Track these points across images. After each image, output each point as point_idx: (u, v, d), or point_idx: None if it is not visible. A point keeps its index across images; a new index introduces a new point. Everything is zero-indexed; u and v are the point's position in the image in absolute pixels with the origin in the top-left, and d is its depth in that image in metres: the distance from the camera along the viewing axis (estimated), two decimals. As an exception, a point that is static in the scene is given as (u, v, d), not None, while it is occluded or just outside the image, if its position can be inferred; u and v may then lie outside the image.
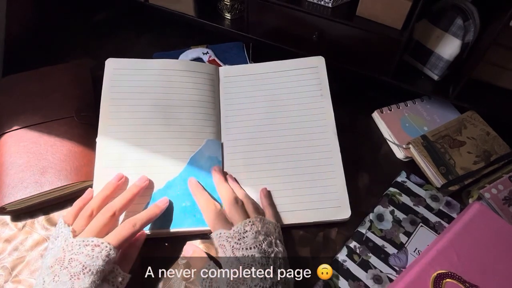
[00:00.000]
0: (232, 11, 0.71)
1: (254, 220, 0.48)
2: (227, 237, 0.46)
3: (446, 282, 0.46)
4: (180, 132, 0.57)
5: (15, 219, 0.56)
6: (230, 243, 0.46)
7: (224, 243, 0.46)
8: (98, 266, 0.42)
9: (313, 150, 0.57)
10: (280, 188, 0.55)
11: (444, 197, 0.57)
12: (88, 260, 0.42)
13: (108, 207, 0.48)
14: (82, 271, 0.41)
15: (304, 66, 0.62)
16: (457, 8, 0.57)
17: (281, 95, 0.61)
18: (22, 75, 0.64)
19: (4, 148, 0.56)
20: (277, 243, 0.47)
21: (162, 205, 0.51)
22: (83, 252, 0.43)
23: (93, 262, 0.42)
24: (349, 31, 0.61)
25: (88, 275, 0.41)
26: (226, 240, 0.46)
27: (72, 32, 0.81)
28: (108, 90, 0.58)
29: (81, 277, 0.41)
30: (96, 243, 0.44)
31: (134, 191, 0.51)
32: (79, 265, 0.42)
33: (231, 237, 0.46)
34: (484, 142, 0.61)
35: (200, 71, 0.62)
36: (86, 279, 0.41)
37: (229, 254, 0.45)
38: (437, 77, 0.63)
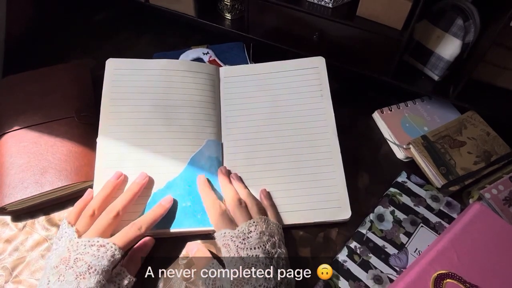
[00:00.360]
0: (232, 11, 0.71)
1: (258, 220, 0.48)
2: (231, 237, 0.46)
3: (447, 282, 0.46)
4: (180, 132, 0.57)
5: (16, 219, 0.56)
6: (235, 242, 0.46)
7: (229, 242, 0.46)
8: (103, 266, 0.42)
9: (313, 150, 0.57)
10: (280, 189, 0.55)
11: (445, 198, 0.57)
12: (94, 260, 0.43)
13: (111, 207, 0.48)
14: (88, 271, 0.42)
15: (304, 66, 0.62)
16: (457, 9, 0.57)
17: (282, 95, 0.61)
18: (22, 75, 0.64)
19: (4, 148, 0.56)
20: (280, 244, 0.47)
21: (166, 204, 0.52)
22: (88, 252, 0.43)
23: (98, 262, 0.42)
24: (349, 31, 0.61)
25: (93, 275, 0.42)
26: (230, 240, 0.46)
27: (72, 32, 0.81)
28: (109, 90, 0.58)
29: (87, 276, 0.41)
30: (102, 244, 0.44)
31: (135, 189, 0.51)
32: (85, 264, 0.42)
33: (235, 236, 0.46)
34: (484, 142, 0.61)
35: (201, 71, 0.62)
36: (92, 278, 0.41)
37: (234, 254, 0.45)
38: (437, 77, 0.63)
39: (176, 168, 0.55)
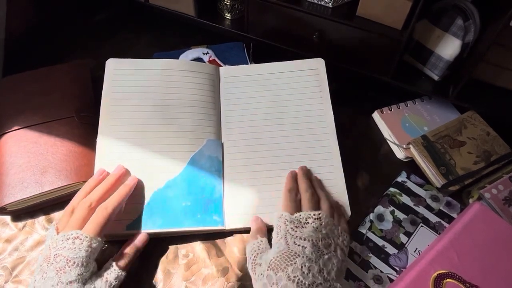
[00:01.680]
0: (232, 11, 0.71)
1: (321, 215, 0.47)
2: (286, 220, 0.46)
3: (447, 282, 0.46)
4: (180, 132, 0.57)
5: (16, 219, 0.56)
6: (287, 226, 0.46)
7: (281, 224, 0.46)
8: (82, 258, 0.43)
9: (313, 151, 0.57)
10: (280, 189, 0.54)
11: (445, 197, 0.57)
12: (71, 253, 0.43)
13: (86, 199, 0.48)
14: (67, 264, 0.42)
15: (304, 68, 0.62)
16: (457, 8, 0.57)
17: (281, 96, 0.61)
18: (22, 75, 0.64)
19: (4, 148, 0.56)
20: (336, 250, 0.46)
21: (131, 183, 0.51)
22: (65, 247, 0.43)
23: (75, 255, 0.43)
24: (349, 31, 0.61)
25: (73, 268, 0.42)
26: (284, 223, 0.46)
27: (72, 32, 0.81)
28: (109, 90, 0.58)
29: (67, 270, 0.42)
30: (76, 236, 0.44)
31: (112, 180, 0.51)
32: (64, 259, 0.43)
33: (290, 221, 0.46)
34: (484, 142, 0.61)
35: (201, 71, 0.62)
36: (72, 271, 0.42)
37: (281, 237, 0.45)
38: (437, 77, 0.63)
39: (176, 168, 0.55)
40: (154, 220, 0.51)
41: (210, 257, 0.53)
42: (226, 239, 0.54)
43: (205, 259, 0.53)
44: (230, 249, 0.54)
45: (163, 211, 0.52)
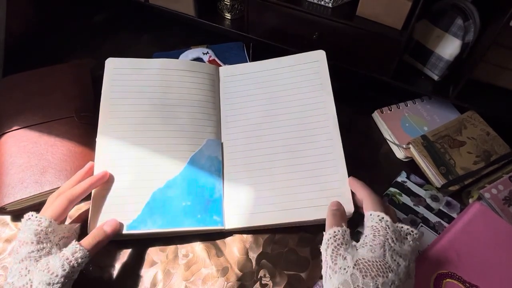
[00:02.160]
0: (232, 11, 0.71)
1: (415, 236, 0.45)
2: (387, 226, 0.44)
3: (446, 282, 0.46)
4: (180, 131, 0.57)
5: (15, 219, 0.56)
6: (387, 234, 0.43)
7: (381, 228, 0.44)
8: (29, 237, 0.43)
9: (314, 146, 0.57)
10: (281, 186, 0.54)
11: (444, 197, 0.57)
12: (22, 234, 0.44)
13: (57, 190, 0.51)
14: (18, 244, 0.44)
15: (304, 61, 0.62)
16: (457, 8, 0.57)
17: (282, 91, 0.61)
18: (22, 75, 0.64)
19: (4, 148, 0.56)
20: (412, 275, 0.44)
21: (100, 176, 0.52)
22: (20, 229, 0.46)
23: (24, 234, 0.44)
24: (349, 31, 0.61)
25: (24, 247, 0.43)
26: (385, 228, 0.44)
27: (72, 32, 0.81)
28: (108, 90, 0.58)
29: (19, 250, 0.43)
30: (28, 217, 0.45)
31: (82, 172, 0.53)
32: (18, 242, 0.44)
33: (392, 230, 0.44)
34: (484, 142, 0.61)
35: (200, 71, 0.62)
36: (22, 250, 0.43)
37: (379, 242, 0.42)
38: (437, 77, 0.63)
39: (176, 167, 0.55)
40: (154, 220, 0.51)
41: (210, 257, 0.53)
42: (226, 239, 0.54)
43: (205, 259, 0.53)
44: (230, 249, 0.54)
45: (163, 211, 0.52)
